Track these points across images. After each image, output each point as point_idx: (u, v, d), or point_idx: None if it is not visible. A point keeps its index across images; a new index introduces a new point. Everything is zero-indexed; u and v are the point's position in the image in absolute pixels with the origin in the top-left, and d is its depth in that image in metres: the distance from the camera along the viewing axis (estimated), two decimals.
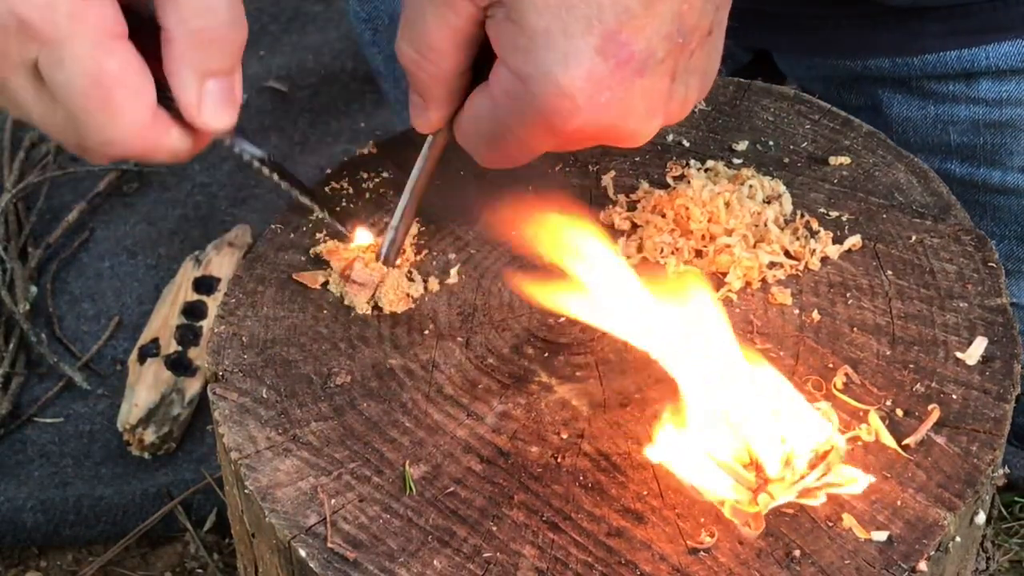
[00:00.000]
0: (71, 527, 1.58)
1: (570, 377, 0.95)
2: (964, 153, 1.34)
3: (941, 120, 1.33)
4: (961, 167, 1.34)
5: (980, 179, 1.34)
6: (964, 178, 1.34)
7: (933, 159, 1.34)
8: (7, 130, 2.08)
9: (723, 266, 1.00)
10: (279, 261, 1.05)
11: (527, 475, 0.89)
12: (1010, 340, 0.95)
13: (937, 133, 1.34)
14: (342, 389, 0.95)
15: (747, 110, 1.16)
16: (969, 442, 0.89)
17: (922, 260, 1.01)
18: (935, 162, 1.34)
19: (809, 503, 0.84)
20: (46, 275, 1.88)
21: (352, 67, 2.21)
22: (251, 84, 2.19)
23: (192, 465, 1.64)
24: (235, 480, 0.92)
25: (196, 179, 2.04)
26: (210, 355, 0.97)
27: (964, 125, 1.32)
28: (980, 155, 1.33)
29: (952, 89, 1.31)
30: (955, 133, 1.32)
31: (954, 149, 1.34)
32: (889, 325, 0.97)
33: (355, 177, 1.11)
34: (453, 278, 1.02)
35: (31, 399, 1.74)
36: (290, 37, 2.31)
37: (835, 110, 1.15)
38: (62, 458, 1.67)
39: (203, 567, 1.57)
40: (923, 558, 0.83)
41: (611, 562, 0.83)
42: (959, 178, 1.34)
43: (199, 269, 1.81)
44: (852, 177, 1.09)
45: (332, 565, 0.84)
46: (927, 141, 1.34)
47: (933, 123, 1.34)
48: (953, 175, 1.34)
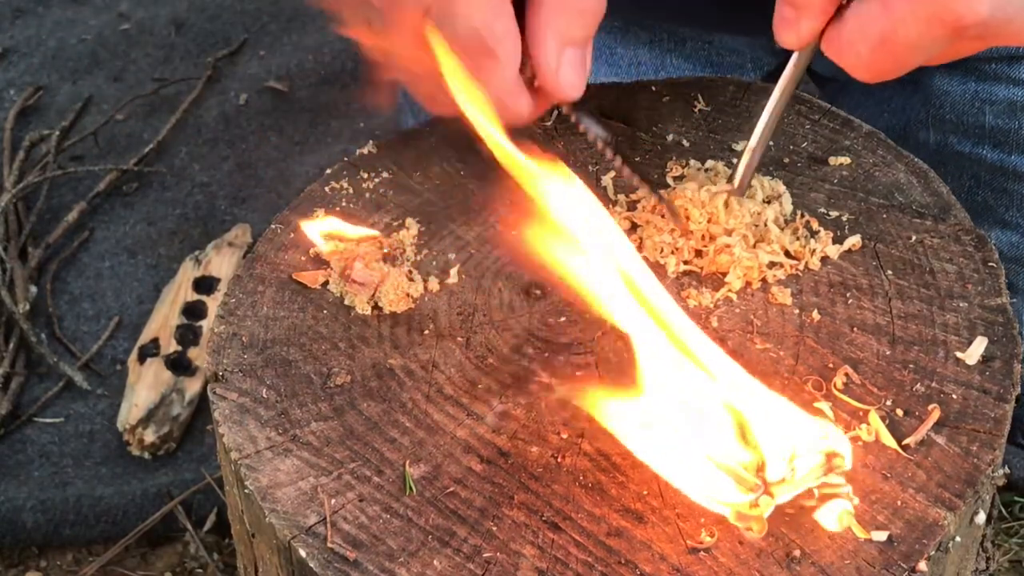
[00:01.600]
0: (71, 527, 1.58)
1: (570, 377, 0.95)
2: (997, 138, 1.34)
3: (979, 98, 1.33)
4: (993, 153, 1.34)
5: (1011, 166, 1.34)
6: (994, 164, 1.34)
7: (966, 142, 1.34)
8: (7, 130, 2.08)
9: (723, 266, 1.00)
10: (279, 261, 1.05)
11: (527, 475, 0.89)
12: (1010, 340, 0.95)
13: (974, 112, 1.34)
14: (342, 389, 0.95)
15: (747, 110, 1.16)
16: (969, 442, 0.89)
17: (922, 260, 1.01)
18: (967, 145, 1.34)
19: (807, 503, 0.84)
20: (46, 275, 1.88)
21: (352, 67, 2.21)
22: (251, 84, 2.19)
23: (192, 465, 1.64)
24: (235, 480, 0.92)
25: (196, 179, 2.04)
26: (210, 355, 0.97)
27: (1001, 106, 1.32)
28: (1014, 141, 1.33)
29: (995, 68, 1.31)
30: (991, 114, 1.33)
31: (988, 132, 1.34)
32: (889, 325, 0.97)
33: (355, 177, 1.11)
34: (453, 278, 1.02)
35: (31, 399, 1.74)
36: (290, 37, 2.31)
37: (835, 110, 1.15)
38: (62, 458, 1.67)
39: (203, 567, 1.58)
40: (923, 558, 0.83)
41: (611, 562, 0.83)
42: (989, 164, 1.34)
43: (199, 269, 1.81)
44: (852, 177, 1.09)
45: (332, 565, 0.84)
46: (963, 120, 1.34)
47: (971, 101, 1.34)
48: (984, 160, 1.35)
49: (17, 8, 2.38)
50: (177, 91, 2.17)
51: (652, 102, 1.16)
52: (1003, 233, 1.36)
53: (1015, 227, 1.35)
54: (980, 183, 1.36)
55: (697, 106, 1.16)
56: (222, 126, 2.12)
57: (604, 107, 1.16)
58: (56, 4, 2.38)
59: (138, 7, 2.37)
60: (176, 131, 2.09)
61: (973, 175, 1.36)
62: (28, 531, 1.58)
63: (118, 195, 2.01)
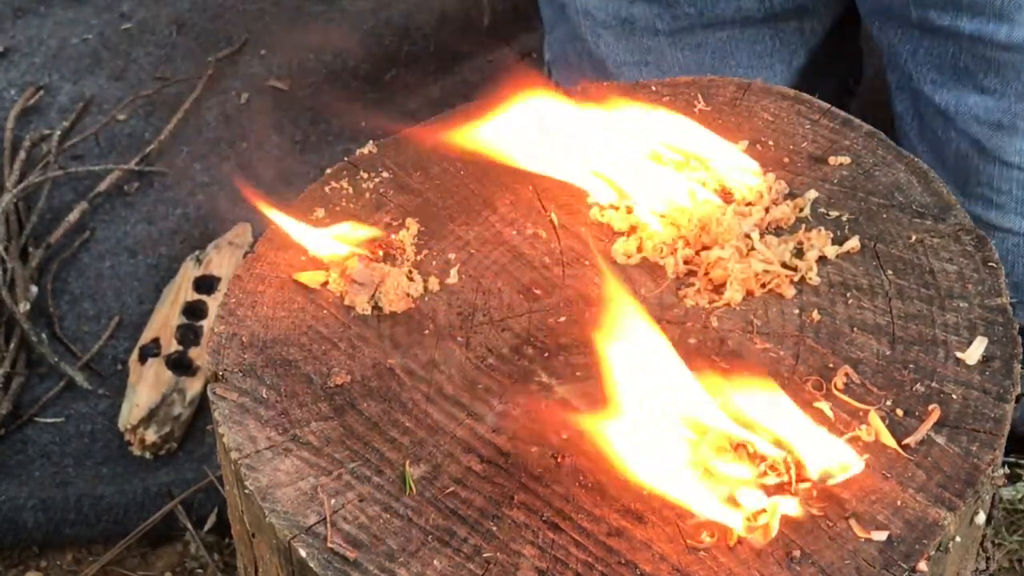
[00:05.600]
0: (72, 527, 1.58)
1: (570, 377, 0.95)
2: (975, 9, 1.37)
3: None
4: (971, 23, 1.38)
5: (988, 34, 1.38)
6: (972, 34, 1.38)
7: (944, 16, 1.38)
8: (7, 130, 2.08)
9: (719, 279, 1.00)
10: (279, 261, 1.05)
11: (527, 475, 0.89)
12: (1010, 340, 0.95)
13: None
14: (342, 389, 0.95)
15: (747, 110, 1.15)
16: (969, 442, 0.89)
17: (922, 260, 1.01)
18: (946, 19, 1.38)
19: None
20: (47, 275, 1.88)
21: (353, 66, 2.21)
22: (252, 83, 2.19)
23: (193, 465, 1.64)
24: (235, 480, 0.92)
25: (196, 179, 2.04)
26: (210, 355, 0.97)
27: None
28: (990, 10, 1.36)
29: None
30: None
31: (966, 6, 1.38)
32: (889, 325, 0.97)
33: (355, 177, 1.11)
34: (453, 278, 1.02)
35: (32, 399, 1.74)
36: (291, 36, 2.31)
37: (835, 110, 1.15)
38: (63, 458, 1.67)
39: (203, 567, 1.58)
40: (923, 558, 0.83)
41: (611, 562, 0.84)
42: (968, 34, 1.38)
43: (199, 269, 1.81)
44: (852, 177, 1.09)
45: (332, 565, 0.84)
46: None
47: None
48: (962, 32, 1.39)
49: (18, 8, 2.38)
50: (178, 91, 2.17)
51: (652, 102, 1.16)
52: (980, 98, 1.41)
53: (991, 92, 1.40)
54: (961, 50, 1.40)
55: (697, 106, 1.16)
56: (223, 126, 2.12)
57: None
58: (57, 3, 2.38)
59: (139, 7, 2.37)
60: (177, 131, 2.09)
61: (955, 43, 1.40)
62: (29, 531, 1.58)
63: (119, 195, 2.01)
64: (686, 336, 0.97)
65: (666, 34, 1.52)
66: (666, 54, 1.53)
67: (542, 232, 1.06)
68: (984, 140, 1.41)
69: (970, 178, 1.43)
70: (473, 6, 2.22)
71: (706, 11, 1.50)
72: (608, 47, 1.55)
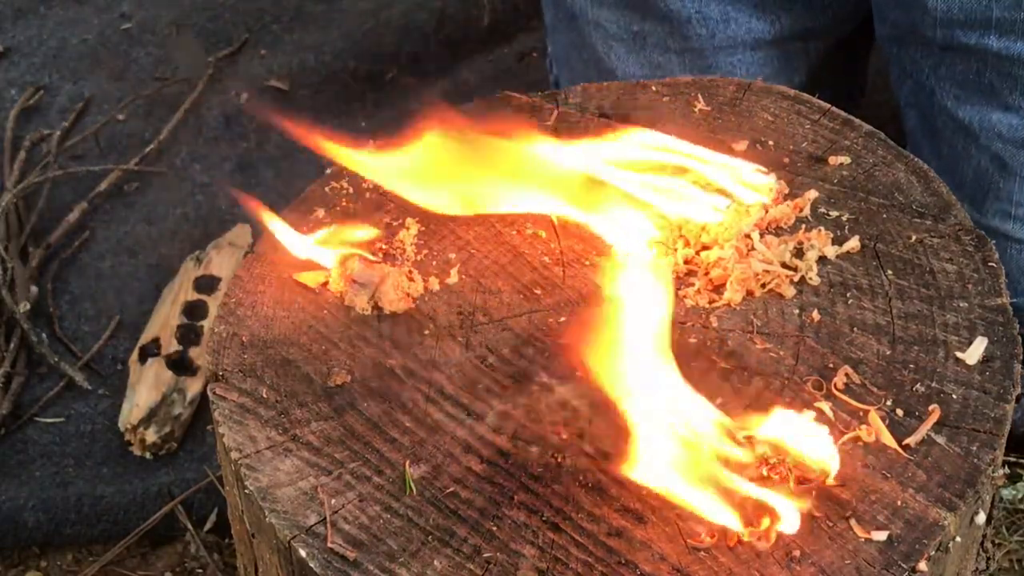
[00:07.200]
0: (72, 527, 1.58)
1: (570, 377, 0.95)
2: (1004, 28, 1.37)
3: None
4: (999, 41, 1.37)
5: (1016, 52, 1.37)
6: (1000, 52, 1.37)
7: (971, 34, 1.37)
8: (7, 130, 2.08)
9: (719, 279, 1.00)
10: (279, 261, 1.05)
11: (527, 475, 0.89)
12: (1010, 340, 0.95)
13: (982, 9, 1.36)
14: (342, 389, 0.95)
15: (747, 110, 1.16)
16: (969, 442, 0.89)
17: (922, 260, 1.01)
18: (973, 37, 1.37)
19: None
20: (47, 275, 1.88)
21: (353, 66, 2.21)
22: (252, 83, 2.19)
23: (193, 465, 1.64)
24: (235, 480, 0.92)
25: (196, 179, 2.04)
26: (210, 355, 0.97)
27: (1008, 1, 1.34)
28: (1019, 28, 1.36)
29: None
30: (998, 8, 1.36)
31: (995, 24, 1.37)
32: (889, 325, 0.97)
33: (355, 177, 1.11)
34: (453, 278, 1.02)
35: (32, 399, 1.74)
36: (291, 36, 2.31)
37: (835, 110, 1.15)
38: (63, 458, 1.67)
39: (203, 567, 1.58)
40: (923, 558, 0.83)
41: (611, 562, 0.83)
42: (995, 52, 1.38)
43: (199, 268, 1.81)
44: (852, 177, 1.09)
45: (332, 565, 0.84)
46: (970, 16, 1.37)
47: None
48: (990, 49, 1.38)
49: (18, 8, 2.38)
50: (178, 91, 2.17)
51: (652, 102, 1.16)
52: (1005, 116, 1.40)
53: (1016, 109, 1.38)
54: (987, 67, 1.39)
55: (697, 106, 1.16)
56: (223, 126, 2.12)
57: (604, 107, 1.16)
58: (57, 3, 2.38)
59: (139, 7, 2.37)
60: (177, 131, 2.09)
61: (980, 60, 1.39)
62: (29, 530, 1.58)
63: (119, 195, 2.01)
64: (686, 336, 0.97)
65: (677, 52, 1.52)
66: (676, 72, 1.53)
67: (542, 232, 1.06)
68: (1007, 157, 1.40)
69: (988, 194, 1.42)
70: (473, 6, 2.22)
71: (718, 33, 1.50)
72: (619, 59, 1.56)
